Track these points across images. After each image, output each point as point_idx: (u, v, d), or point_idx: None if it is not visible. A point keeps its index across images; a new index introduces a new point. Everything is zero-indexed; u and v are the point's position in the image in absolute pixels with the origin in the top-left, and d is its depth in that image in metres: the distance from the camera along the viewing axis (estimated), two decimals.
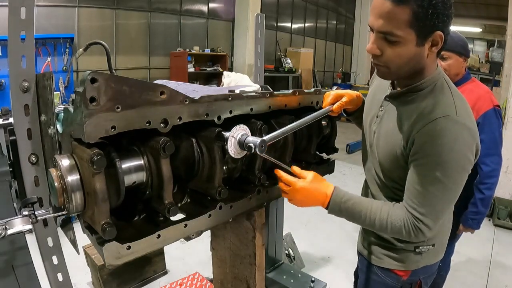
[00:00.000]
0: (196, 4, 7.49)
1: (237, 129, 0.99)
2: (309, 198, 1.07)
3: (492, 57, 10.07)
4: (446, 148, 0.93)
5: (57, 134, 0.99)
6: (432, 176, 0.96)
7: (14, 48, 1.00)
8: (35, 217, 0.83)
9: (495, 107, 1.92)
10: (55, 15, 5.32)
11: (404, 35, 0.90)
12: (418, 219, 0.99)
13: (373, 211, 1.05)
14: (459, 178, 0.98)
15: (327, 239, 3.46)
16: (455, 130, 0.94)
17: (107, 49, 1.43)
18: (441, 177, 0.95)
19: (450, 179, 0.96)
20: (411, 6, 0.86)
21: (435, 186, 0.96)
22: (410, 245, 1.17)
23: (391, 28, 0.90)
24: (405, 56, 0.95)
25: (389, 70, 1.00)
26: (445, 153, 0.94)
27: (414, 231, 1.00)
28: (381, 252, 1.24)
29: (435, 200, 0.98)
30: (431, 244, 1.18)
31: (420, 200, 0.99)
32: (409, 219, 1.01)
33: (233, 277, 1.40)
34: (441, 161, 0.94)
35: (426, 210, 0.99)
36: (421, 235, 1.01)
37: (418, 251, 1.17)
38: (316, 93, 1.38)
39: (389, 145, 1.08)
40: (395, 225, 1.02)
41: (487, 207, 1.96)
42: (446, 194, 0.99)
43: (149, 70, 6.78)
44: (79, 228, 0.95)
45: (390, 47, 0.94)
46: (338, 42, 12.34)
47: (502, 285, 2.83)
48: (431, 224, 1.00)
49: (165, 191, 0.90)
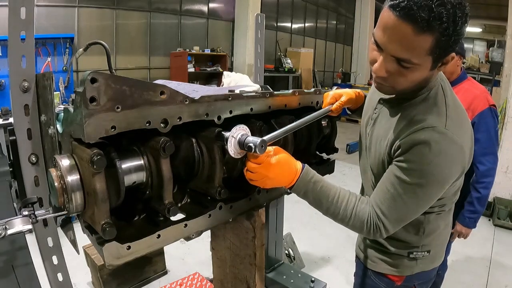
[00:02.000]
0: (196, 4, 7.49)
1: (237, 129, 0.98)
2: (280, 174, 0.96)
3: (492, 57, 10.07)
4: (427, 159, 0.89)
5: (57, 134, 0.99)
6: (406, 182, 0.92)
7: (14, 48, 1.00)
8: (35, 217, 0.83)
9: (491, 106, 1.92)
10: (55, 15, 5.32)
11: (421, 62, 0.85)
12: (380, 219, 0.97)
13: (340, 197, 1.00)
14: (433, 192, 0.95)
15: (327, 239, 3.46)
16: (440, 143, 0.89)
17: (107, 49, 1.43)
18: (415, 187, 0.92)
19: (423, 190, 0.93)
20: (434, 35, 0.79)
21: (406, 194, 0.93)
22: (404, 250, 1.15)
23: (409, 56, 0.83)
24: (416, 81, 0.91)
25: (394, 90, 0.97)
26: (425, 164, 0.89)
27: (374, 229, 0.98)
28: (375, 256, 1.23)
29: (402, 206, 0.95)
30: (426, 250, 1.15)
31: (387, 202, 0.96)
32: (373, 217, 0.98)
33: (233, 277, 1.40)
34: (419, 170, 0.90)
35: (390, 213, 0.96)
36: (378, 235, 0.99)
37: (412, 256, 1.15)
38: (316, 93, 1.38)
39: (377, 151, 1.06)
40: (359, 219, 0.99)
41: (484, 206, 1.97)
42: (414, 204, 0.96)
43: (149, 70, 6.78)
44: (79, 228, 0.95)
45: (402, 72, 0.88)
46: (338, 42, 12.34)
47: (502, 285, 2.84)
48: (390, 228, 0.98)
49: (165, 191, 0.90)
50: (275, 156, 0.96)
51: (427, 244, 1.14)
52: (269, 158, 0.95)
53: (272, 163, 0.95)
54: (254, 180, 0.98)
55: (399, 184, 0.94)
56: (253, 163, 0.95)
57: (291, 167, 0.99)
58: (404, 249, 1.15)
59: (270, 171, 0.95)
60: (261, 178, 0.96)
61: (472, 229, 2.03)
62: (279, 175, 0.97)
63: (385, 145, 1.01)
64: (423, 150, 0.89)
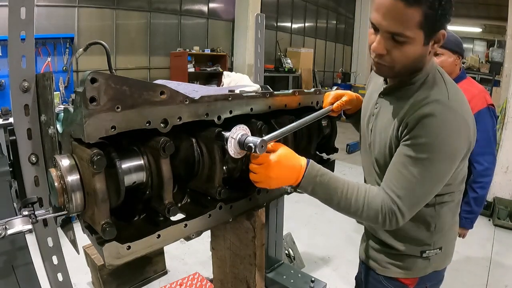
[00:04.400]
0: (196, 4, 7.49)
1: (237, 129, 0.98)
2: (283, 173, 0.94)
3: (492, 57, 10.07)
4: (435, 132, 0.91)
5: (57, 134, 0.99)
6: (417, 159, 0.92)
7: (14, 48, 1.00)
8: (35, 217, 0.82)
9: (489, 106, 1.92)
10: (55, 15, 5.32)
11: (414, 35, 0.90)
12: (395, 203, 0.94)
13: (350, 189, 0.98)
14: (444, 168, 0.95)
15: (327, 239, 3.46)
16: (444, 114, 0.92)
17: (107, 49, 1.43)
18: (427, 162, 0.92)
19: (435, 165, 0.93)
20: (422, 8, 0.85)
21: (419, 171, 0.92)
22: (416, 249, 1.13)
23: (402, 30, 0.89)
24: (412, 56, 0.94)
25: (393, 70, 0.99)
26: (433, 137, 0.91)
27: (389, 216, 0.95)
28: (386, 261, 1.19)
29: (416, 185, 0.94)
30: (438, 247, 1.13)
31: (400, 183, 0.95)
32: (387, 203, 0.95)
33: (233, 277, 1.40)
34: (428, 144, 0.91)
35: (404, 193, 0.94)
36: (393, 222, 0.95)
37: (425, 256, 1.13)
38: (316, 93, 1.38)
39: (383, 140, 1.07)
40: (372, 207, 0.96)
41: (481, 206, 1.96)
42: (428, 181, 0.95)
43: (149, 70, 6.78)
44: (79, 228, 0.95)
45: (398, 47, 0.93)
46: (338, 42, 12.34)
47: (502, 285, 2.84)
48: (406, 212, 0.95)
49: (165, 191, 0.90)
50: (275, 155, 0.94)
51: (438, 241, 1.13)
52: (268, 157, 0.94)
53: (272, 163, 0.93)
54: (258, 181, 0.96)
55: (410, 162, 0.93)
56: (254, 164, 0.95)
57: (294, 165, 0.96)
58: (416, 247, 1.13)
59: (271, 171, 0.93)
60: (264, 179, 0.95)
61: (469, 229, 2.03)
62: (282, 174, 0.95)
63: (391, 130, 1.02)
64: (429, 123, 0.91)
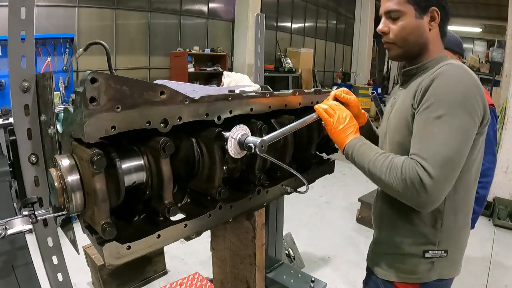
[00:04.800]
0: (196, 4, 7.49)
1: (237, 129, 0.99)
2: (351, 122, 1.12)
3: (492, 57, 10.06)
4: (447, 86, 0.95)
5: (57, 134, 0.99)
6: (436, 117, 0.93)
7: (14, 48, 1.00)
8: (35, 217, 0.83)
9: (490, 106, 1.92)
10: (55, 15, 5.31)
11: (404, 9, 1.06)
12: (418, 163, 0.91)
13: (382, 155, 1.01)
14: (463, 120, 0.92)
15: (327, 239, 3.46)
16: (456, 71, 0.97)
17: (107, 49, 1.43)
18: (446, 118, 0.92)
19: (455, 121, 0.92)
20: None
21: (437, 127, 0.92)
22: (418, 248, 1.09)
23: (393, 5, 1.07)
24: (407, 28, 1.07)
25: (397, 46, 1.11)
26: (446, 92, 0.94)
27: (412, 176, 0.90)
28: (388, 264, 1.17)
29: (438, 142, 0.91)
30: (443, 249, 1.08)
31: (423, 145, 0.93)
32: (409, 163, 0.93)
33: (233, 277, 1.40)
34: (444, 100, 0.93)
35: (429, 154, 0.91)
36: (418, 185, 0.90)
37: (427, 256, 1.08)
38: (316, 93, 1.38)
39: (399, 118, 1.10)
40: (395, 166, 0.95)
41: (482, 206, 1.96)
42: (450, 136, 0.91)
43: (149, 70, 6.78)
44: (79, 228, 0.95)
45: (394, 23, 1.09)
46: (338, 42, 12.33)
47: (502, 285, 2.84)
48: (432, 171, 0.89)
49: (165, 191, 0.90)
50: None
51: (444, 241, 1.08)
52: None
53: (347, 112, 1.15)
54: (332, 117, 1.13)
55: (429, 123, 0.94)
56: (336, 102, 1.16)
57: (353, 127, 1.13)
58: (419, 246, 1.09)
59: (344, 118, 1.12)
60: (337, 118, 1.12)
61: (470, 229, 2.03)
62: (346, 124, 1.11)
63: (408, 102, 1.05)
64: (441, 80, 0.96)
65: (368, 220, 3.71)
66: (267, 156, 1.03)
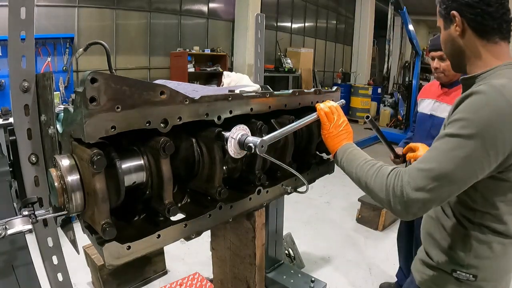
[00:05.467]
0: (196, 4, 7.49)
1: (237, 129, 0.99)
2: (346, 128, 1.15)
3: None
4: (474, 107, 0.84)
5: (57, 134, 0.99)
6: (447, 133, 0.86)
7: (14, 48, 1.00)
8: (35, 217, 0.83)
9: None
10: (55, 15, 5.32)
11: (439, 24, 1.07)
12: (408, 170, 0.87)
13: (370, 161, 1.00)
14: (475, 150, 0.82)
15: (327, 239, 3.46)
16: (492, 94, 0.83)
17: (107, 49, 1.43)
18: (456, 138, 0.84)
19: (465, 144, 0.82)
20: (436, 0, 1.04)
21: (445, 145, 0.86)
22: (447, 266, 1.05)
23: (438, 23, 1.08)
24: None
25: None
26: (470, 112, 0.84)
27: (395, 184, 0.87)
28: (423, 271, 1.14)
29: (435, 157, 0.86)
30: (472, 274, 1.01)
31: (425, 155, 0.89)
32: (397, 172, 0.89)
33: (233, 277, 1.40)
34: (463, 119, 0.84)
35: (422, 165, 0.86)
36: (399, 195, 0.85)
37: (455, 276, 1.03)
38: (316, 93, 1.38)
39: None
40: (381, 173, 0.92)
41: None
42: (449, 157, 0.84)
43: (149, 70, 6.78)
44: (79, 228, 0.95)
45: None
46: (338, 42, 12.33)
47: None
48: (416, 183, 0.84)
49: (165, 191, 0.90)
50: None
51: (474, 267, 1.01)
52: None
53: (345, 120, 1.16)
54: (329, 123, 1.15)
55: (442, 138, 0.87)
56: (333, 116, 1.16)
57: (347, 133, 1.15)
58: (447, 264, 1.05)
59: (340, 124, 1.14)
60: (334, 125, 1.14)
61: None
62: (341, 131, 1.14)
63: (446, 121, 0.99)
64: (473, 99, 0.85)
65: (368, 220, 3.71)
66: (267, 156, 1.03)
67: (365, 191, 0.99)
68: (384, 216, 3.60)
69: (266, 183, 1.19)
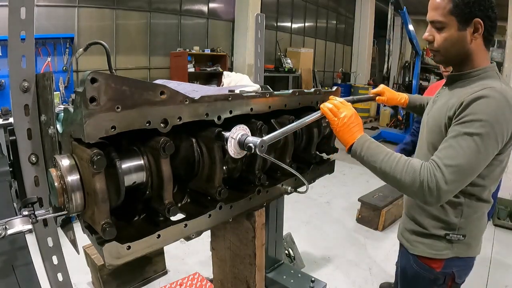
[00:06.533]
0: (196, 4, 7.49)
1: (237, 129, 0.99)
2: (356, 120, 1.15)
3: (492, 57, 10.07)
4: (487, 111, 1.02)
5: (57, 134, 0.99)
6: (467, 134, 1.02)
7: (14, 48, 1.00)
8: (35, 217, 0.83)
9: None
10: (55, 15, 5.32)
11: (447, 21, 1.10)
12: (438, 166, 1.01)
13: (394, 155, 1.08)
14: (491, 145, 1.03)
15: (327, 239, 3.46)
16: (499, 100, 1.03)
17: (107, 49, 1.43)
18: (476, 137, 1.01)
19: (483, 141, 1.01)
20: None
21: (467, 142, 1.01)
22: (441, 231, 1.25)
23: (437, 17, 1.12)
24: (450, 39, 1.13)
25: (440, 54, 1.18)
26: (485, 115, 1.02)
27: (429, 179, 1.00)
28: (415, 240, 1.32)
29: (462, 156, 1.01)
30: (462, 234, 1.24)
31: (448, 153, 1.03)
32: (428, 165, 1.02)
33: (233, 277, 1.40)
34: (480, 121, 1.01)
35: (451, 163, 1.01)
36: (434, 188, 1.00)
37: (448, 238, 1.24)
38: (316, 93, 1.38)
39: (436, 121, 1.18)
40: (412, 168, 1.03)
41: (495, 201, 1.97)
42: (473, 153, 1.01)
43: (149, 70, 6.78)
44: (79, 228, 0.95)
45: (438, 33, 1.14)
46: (338, 42, 12.33)
47: (502, 285, 2.84)
48: (448, 177, 1.00)
49: (165, 191, 0.90)
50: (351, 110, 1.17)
51: (463, 228, 1.24)
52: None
53: (353, 112, 1.16)
54: (337, 117, 1.15)
55: (461, 137, 1.03)
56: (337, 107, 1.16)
57: (359, 128, 1.16)
58: (441, 230, 1.25)
59: (349, 117, 1.14)
60: (337, 116, 1.14)
61: None
62: (352, 125, 1.14)
63: (445, 110, 1.14)
64: (484, 103, 1.03)
65: (368, 220, 3.71)
66: (267, 156, 1.03)
67: (392, 183, 1.09)
68: (384, 216, 3.60)
69: (266, 183, 1.19)
